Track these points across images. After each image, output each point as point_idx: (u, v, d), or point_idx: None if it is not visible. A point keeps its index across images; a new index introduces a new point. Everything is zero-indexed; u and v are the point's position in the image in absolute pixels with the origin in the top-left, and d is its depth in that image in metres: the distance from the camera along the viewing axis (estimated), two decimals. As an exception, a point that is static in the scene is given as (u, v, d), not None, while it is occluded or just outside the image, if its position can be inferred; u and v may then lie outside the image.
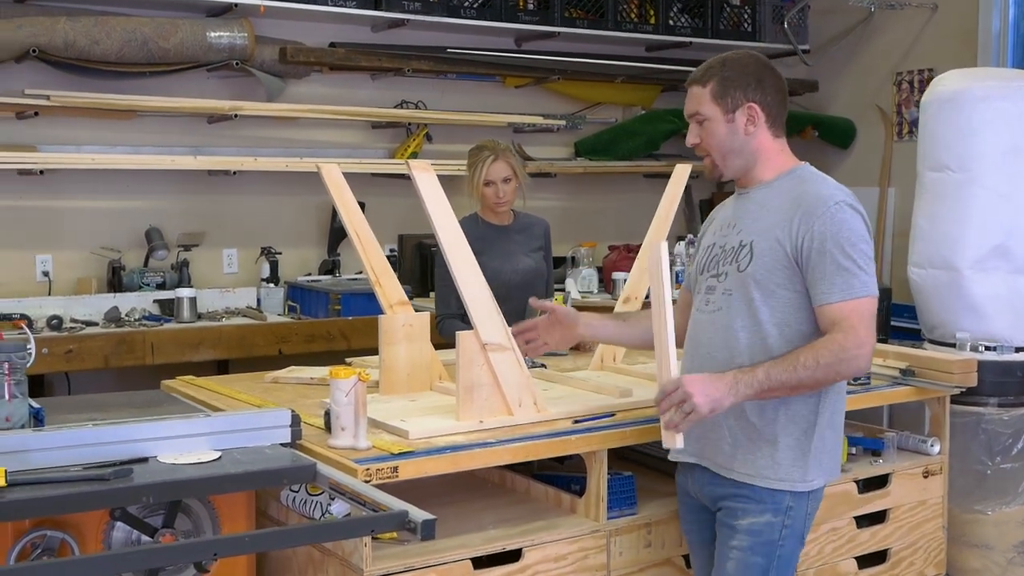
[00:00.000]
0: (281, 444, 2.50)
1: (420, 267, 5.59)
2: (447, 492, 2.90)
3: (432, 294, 5.38)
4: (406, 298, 3.07)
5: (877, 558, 3.34)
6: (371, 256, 3.03)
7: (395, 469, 2.42)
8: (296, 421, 2.54)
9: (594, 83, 6.17)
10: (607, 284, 5.84)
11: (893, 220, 6.44)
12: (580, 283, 5.76)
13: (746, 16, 6.44)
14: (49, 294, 4.81)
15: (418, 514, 2.06)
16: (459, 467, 2.55)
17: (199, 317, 4.75)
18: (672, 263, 5.96)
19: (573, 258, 5.93)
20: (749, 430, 2.52)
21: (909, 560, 3.40)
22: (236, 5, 4.91)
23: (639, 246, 6.17)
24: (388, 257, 5.66)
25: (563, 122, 5.95)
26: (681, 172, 3.51)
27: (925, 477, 3.39)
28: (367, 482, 2.34)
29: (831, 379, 2.45)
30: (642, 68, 6.15)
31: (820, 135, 6.64)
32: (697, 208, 6.73)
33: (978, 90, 3.68)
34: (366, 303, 4.93)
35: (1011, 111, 3.65)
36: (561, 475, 2.96)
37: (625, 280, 5.69)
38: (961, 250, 3.74)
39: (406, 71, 5.47)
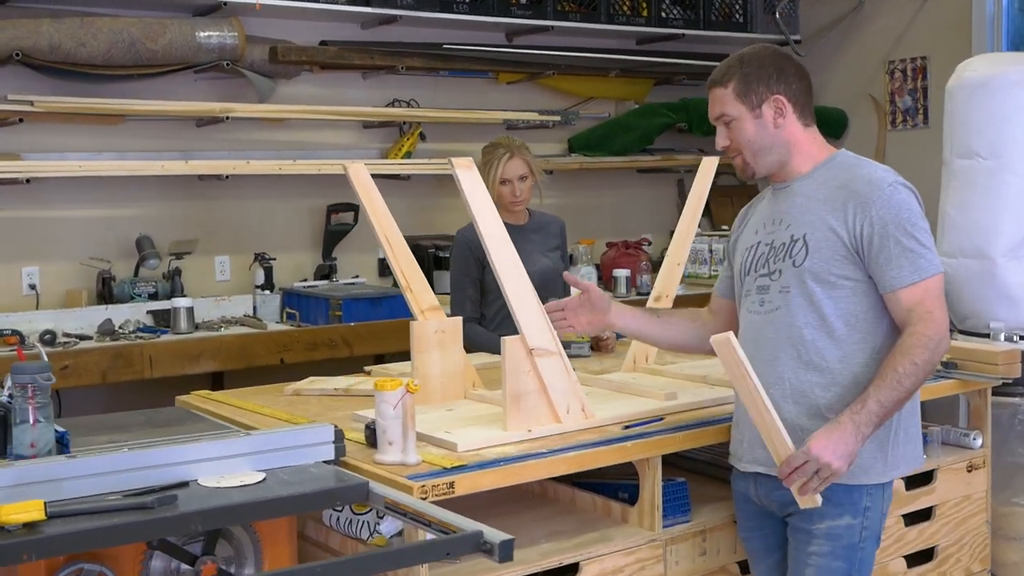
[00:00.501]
0: (324, 462, 2.36)
1: (417, 270, 5.43)
2: (490, 505, 2.76)
3: (431, 297, 5.32)
4: (437, 303, 2.93)
5: (924, 556, 3.24)
6: (401, 261, 2.89)
7: (451, 485, 2.28)
8: (340, 437, 2.39)
9: (587, 77, 6.05)
10: (607, 281, 5.73)
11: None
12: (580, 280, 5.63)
13: (737, 7, 6.35)
14: (37, 308, 4.62)
15: (494, 535, 1.92)
16: (515, 480, 2.41)
17: (196, 327, 4.58)
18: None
19: (571, 256, 5.80)
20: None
21: (956, 557, 3.30)
22: (225, 3, 4.74)
23: (637, 242, 6.13)
24: (383, 260, 5.59)
25: (558, 118, 5.82)
26: (708, 166, 3.38)
27: (969, 472, 3.30)
28: (423, 499, 2.20)
29: (930, 373, 2.38)
30: (636, 61, 6.04)
31: (813, 125, 6.54)
32: (691, 202, 6.62)
33: (1013, 75, 3.60)
34: (368, 308, 4.79)
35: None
36: (607, 483, 2.83)
37: (627, 277, 5.68)
38: (994, 238, 3.65)
39: (399, 69, 5.32)
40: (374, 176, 5.33)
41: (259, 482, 2.19)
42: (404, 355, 4.92)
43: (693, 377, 3.13)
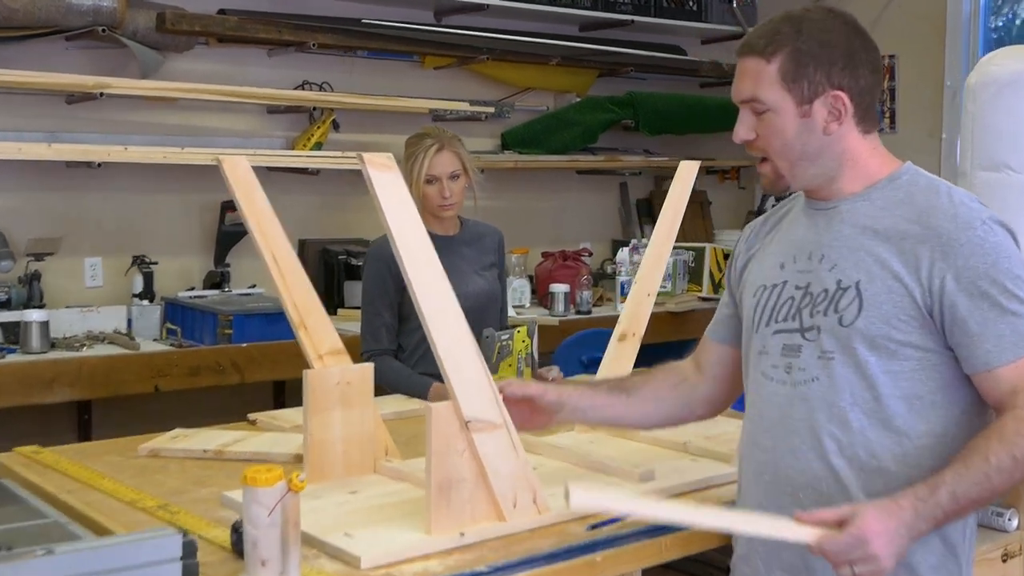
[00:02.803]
0: (168, 585, 1.64)
1: (325, 278, 4.72)
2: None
3: (340, 312, 4.60)
4: (340, 345, 2.22)
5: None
6: (292, 287, 2.17)
7: (348, 630, 1.57)
8: (191, 550, 1.66)
9: (525, 65, 5.37)
10: (542, 298, 5.05)
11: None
12: (511, 296, 4.95)
13: (692, -7, 5.71)
14: None
15: None
16: (440, 616, 1.71)
17: (52, 346, 3.79)
18: (616, 273, 5.21)
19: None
20: None
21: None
22: (102, -43, 3.97)
23: (577, 253, 5.42)
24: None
25: (491, 109, 5.13)
26: (686, 172, 2.71)
27: (1004, 561, 2.66)
28: (307, 656, 1.49)
29: None
30: (579, 49, 5.36)
31: (771, 128, 5.94)
32: (634, 209, 5.98)
33: (1051, 70, 2.98)
34: (263, 325, 4.06)
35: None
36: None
37: (565, 293, 4.99)
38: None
39: (310, 46, 4.59)
40: (278, 170, 4.69)
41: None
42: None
43: (669, 442, 2.45)
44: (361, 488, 2.13)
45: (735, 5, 5.77)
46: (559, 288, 4.91)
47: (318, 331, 2.18)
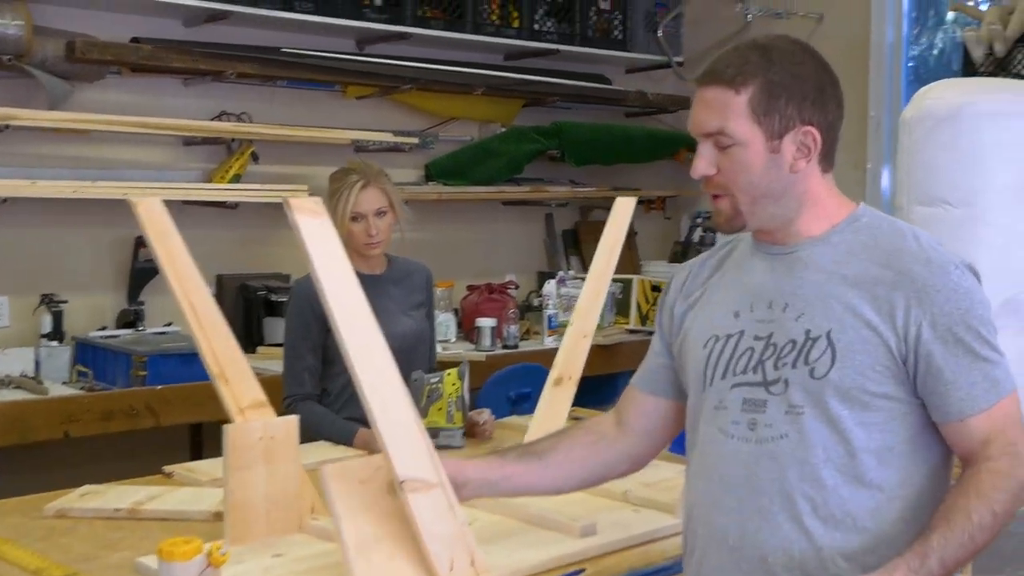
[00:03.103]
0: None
1: (244, 316, 4.55)
2: None
3: (260, 350, 4.45)
4: (263, 397, 2.08)
5: None
6: (211, 336, 2.03)
7: None
8: (101, 632, 1.53)
9: (448, 95, 5.26)
10: (469, 333, 4.94)
11: (776, 253, 5.77)
12: (436, 331, 4.83)
13: (617, 22, 5.66)
14: None
15: None
16: None
17: (-46, 391, 3.60)
18: (543, 305, 5.12)
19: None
20: None
21: None
22: (7, -17, 3.80)
23: (503, 285, 5.33)
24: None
25: (415, 140, 5.02)
26: (623, 208, 2.64)
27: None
28: None
29: (1006, 526, 1.62)
30: (505, 78, 5.28)
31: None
32: (560, 240, 5.91)
33: (984, 104, 2.94)
34: (179, 367, 3.89)
35: (1030, 134, 2.93)
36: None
37: (492, 328, 4.89)
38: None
39: (228, 75, 4.44)
40: (194, 203, 4.52)
41: None
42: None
43: (608, 492, 2.35)
44: (286, 549, 2.01)
45: (660, 35, 5.73)
46: (486, 322, 4.80)
47: (239, 383, 2.04)
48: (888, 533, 1.66)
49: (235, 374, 2.04)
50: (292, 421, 2.10)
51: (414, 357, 3.03)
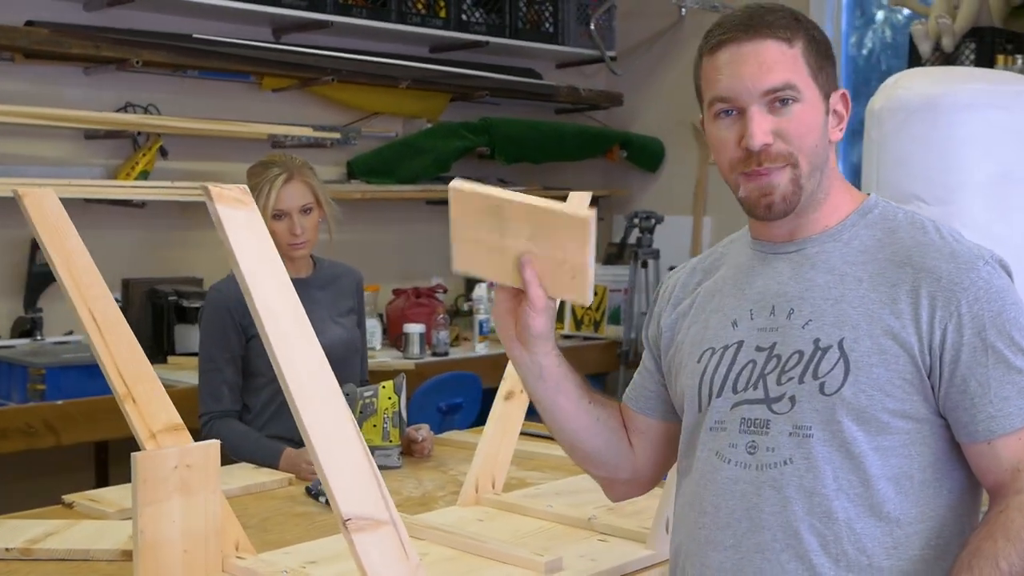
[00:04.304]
0: None
1: (153, 322, 4.23)
2: None
3: (171, 359, 4.13)
4: (178, 420, 1.79)
5: None
6: (115, 350, 1.73)
7: None
8: None
9: (372, 88, 4.98)
10: (395, 340, 4.66)
11: (710, 254, 5.59)
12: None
13: (548, 15, 5.43)
14: None
15: None
16: None
17: None
18: (473, 311, 4.87)
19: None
20: None
21: None
22: None
23: (431, 289, 5.05)
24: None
25: (337, 135, 4.72)
26: (579, 202, 2.38)
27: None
28: None
29: None
30: (432, 71, 5.01)
31: (628, 156, 5.71)
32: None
33: (962, 95, 2.74)
34: (80, 379, 3.58)
35: (1007, 124, 2.73)
36: None
37: (421, 334, 4.61)
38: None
39: (134, 63, 4.10)
40: (98, 202, 4.19)
41: None
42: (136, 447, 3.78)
43: (571, 519, 2.10)
44: (203, 600, 1.72)
45: (592, 28, 5.51)
46: (414, 328, 4.52)
47: (149, 403, 1.75)
48: (906, 571, 1.44)
49: (144, 393, 1.74)
50: (213, 446, 1.81)
51: (345, 368, 2.75)
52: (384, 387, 2.62)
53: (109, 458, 3.92)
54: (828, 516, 1.43)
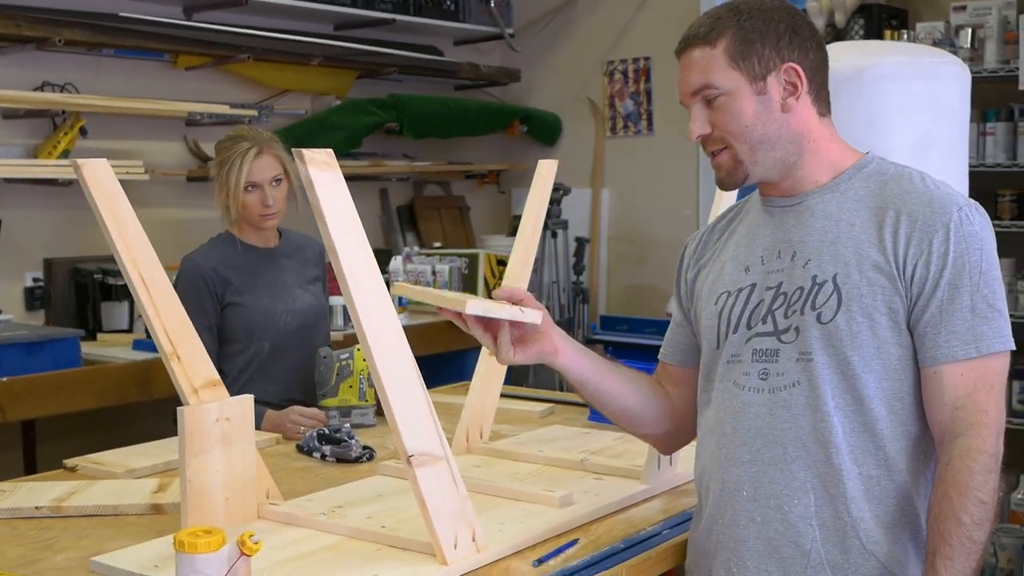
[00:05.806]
0: None
1: (77, 301, 4.24)
2: None
3: (100, 336, 4.16)
4: (216, 376, 1.90)
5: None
6: (163, 314, 1.83)
7: None
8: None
9: (282, 66, 5.03)
10: (317, 311, 4.75)
11: (608, 225, 5.82)
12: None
13: (449, -8, 5.56)
14: None
15: None
16: None
17: None
18: (390, 283, 4.99)
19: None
20: None
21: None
22: None
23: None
24: (33, 289, 4.32)
25: (254, 112, 4.77)
26: (546, 171, 2.56)
27: None
28: None
29: (998, 505, 1.61)
30: (343, 48, 5.10)
31: (529, 131, 5.90)
32: (396, 216, 5.77)
33: (886, 66, 2.97)
34: (23, 357, 3.59)
35: (925, 94, 2.98)
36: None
37: (343, 306, 4.72)
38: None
39: (54, 42, 4.09)
40: (19, 181, 4.17)
41: None
42: (70, 417, 3.78)
43: (564, 461, 2.28)
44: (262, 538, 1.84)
45: (492, 5, 5.66)
46: (336, 300, 4.62)
47: (192, 361, 1.86)
48: (897, 481, 1.66)
49: (187, 351, 1.85)
50: (247, 401, 1.93)
51: (316, 333, 2.88)
52: (359, 350, 2.75)
53: (36, 434, 3.92)
54: (829, 431, 1.64)
